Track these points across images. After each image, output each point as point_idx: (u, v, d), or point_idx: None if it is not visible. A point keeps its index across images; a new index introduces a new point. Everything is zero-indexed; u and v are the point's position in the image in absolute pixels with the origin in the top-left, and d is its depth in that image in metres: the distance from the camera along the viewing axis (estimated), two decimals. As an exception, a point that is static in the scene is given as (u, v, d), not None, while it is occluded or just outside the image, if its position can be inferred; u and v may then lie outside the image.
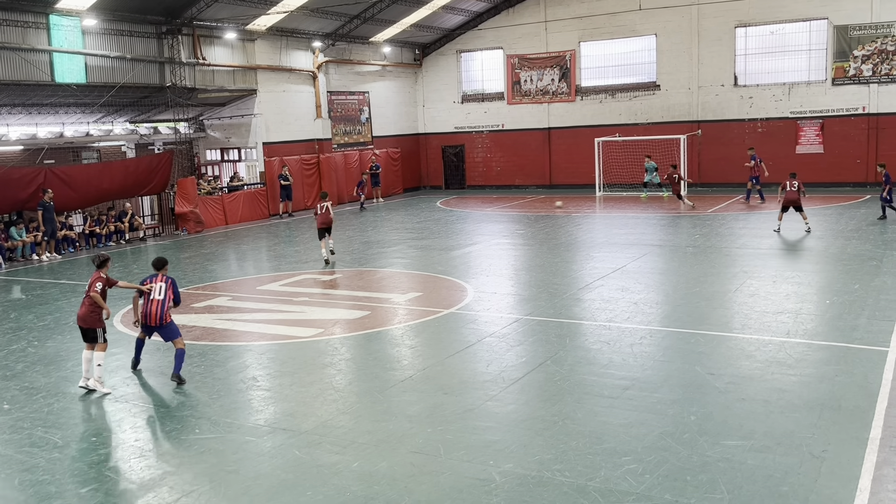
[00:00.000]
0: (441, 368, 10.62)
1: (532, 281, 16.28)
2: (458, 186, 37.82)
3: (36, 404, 9.77)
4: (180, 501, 7.02)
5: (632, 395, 9.15)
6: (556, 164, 35.39)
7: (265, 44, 29.48)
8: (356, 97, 34.73)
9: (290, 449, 8.08)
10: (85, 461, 8.05)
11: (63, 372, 11.11)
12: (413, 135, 38.20)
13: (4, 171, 21.84)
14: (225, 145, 31.20)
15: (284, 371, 10.87)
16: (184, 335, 12.61)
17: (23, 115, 24.10)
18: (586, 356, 10.84)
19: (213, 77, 27.60)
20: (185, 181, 26.37)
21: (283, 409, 9.38)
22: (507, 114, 36.30)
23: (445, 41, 37.07)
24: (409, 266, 18.53)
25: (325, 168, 32.07)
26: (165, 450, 8.26)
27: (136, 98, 26.01)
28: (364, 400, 9.57)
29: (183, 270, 19.21)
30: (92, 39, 23.39)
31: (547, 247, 20.18)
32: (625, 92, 33.67)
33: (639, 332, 11.85)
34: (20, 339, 13.07)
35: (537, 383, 9.81)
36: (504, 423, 8.60)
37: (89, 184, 23.95)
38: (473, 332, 12.36)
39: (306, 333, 12.63)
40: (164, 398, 9.86)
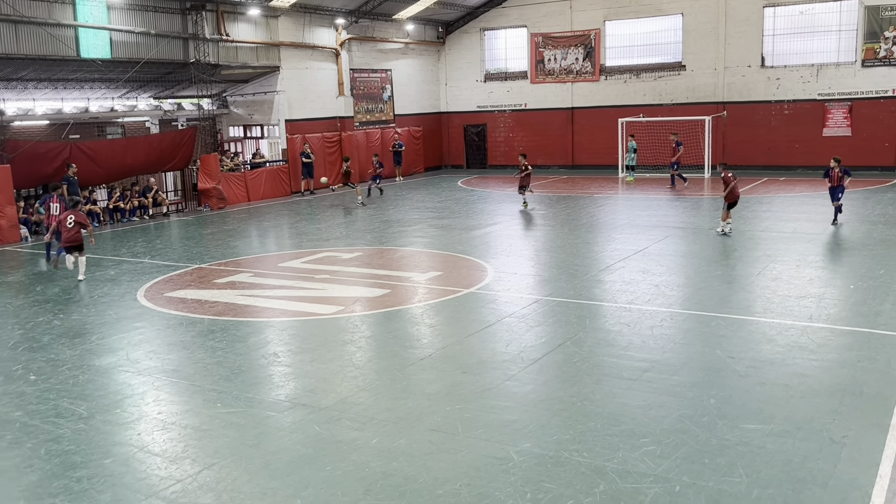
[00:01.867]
0: (460, 348, 10.66)
1: (552, 262, 16.25)
2: (480, 166, 37.71)
3: (62, 376, 9.93)
4: (202, 474, 7.13)
5: (651, 378, 9.14)
6: (578, 144, 35.16)
7: (288, 20, 29.44)
8: (378, 75, 34.64)
9: (310, 424, 8.16)
10: (109, 432, 8.18)
11: (88, 345, 11.27)
12: (435, 113, 38.07)
13: (30, 145, 22.06)
14: (248, 122, 31.29)
15: (305, 347, 10.96)
16: (206, 310, 12.77)
17: (49, 90, 24.28)
18: (606, 338, 10.82)
19: (237, 54, 27.63)
20: (208, 157, 26.50)
21: (303, 385, 9.46)
22: (529, 93, 36.07)
23: (469, 19, 36.81)
24: (430, 245, 18.55)
25: (347, 146, 32.06)
26: (188, 423, 8.38)
27: (160, 74, 26.11)
28: (383, 377, 9.64)
29: (205, 246, 19.37)
30: (117, 15, 23.48)
31: (568, 228, 20.11)
32: (650, 72, 33.32)
33: (659, 314, 11.81)
34: (46, 311, 13.26)
35: (556, 364, 9.82)
36: (522, 402, 8.63)
37: (113, 159, 24.15)
38: (493, 312, 12.37)
39: (327, 310, 12.71)
40: (186, 372, 9.98)
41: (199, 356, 10.59)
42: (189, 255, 18.20)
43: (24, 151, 21.52)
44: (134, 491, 6.87)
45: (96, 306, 13.51)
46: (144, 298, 13.94)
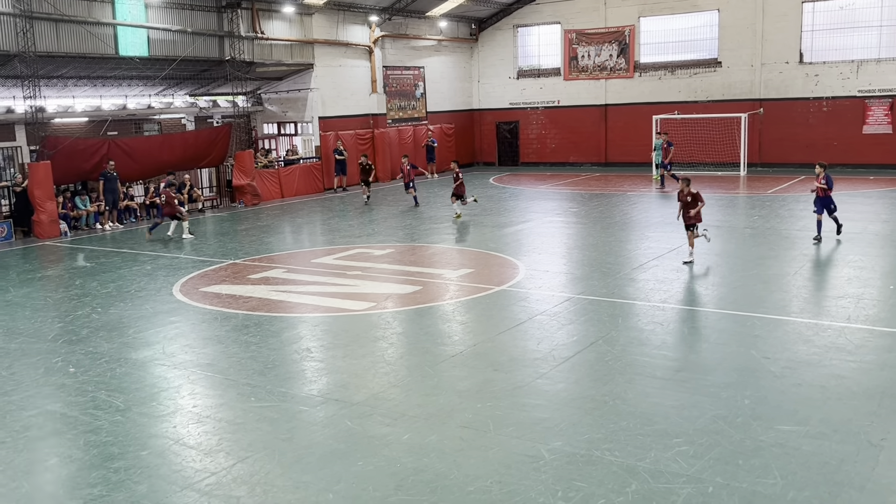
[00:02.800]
0: (491, 345, 10.66)
1: (585, 260, 16.17)
2: (512, 163, 37.61)
3: (100, 368, 10.11)
4: (236, 467, 7.22)
5: (684, 378, 9.06)
6: (612, 141, 34.91)
7: (322, 18, 29.61)
8: (411, 72, 34.70)
9: (342, 419, 8.22)
10: (145, 425, 8.32)
11: (125, 338, 11.46)
12: (467, 110, 38.05)
13: (70, 142, 22.46)
14: (282, 119, 31.54)
15: (337, 343, 11.04)
16: (240, 305, 12.92)
17: (88, 87, 24.69)
18: (639, 337, 10.75)
19: (271, 51, 27.86)
20: (242, 154, 26.77)
21: (335, 381, 9.53)
22: (563, 90, 35.88)
23: (502, 16, 36.72)
24: (461, 242, 18.55)
25: (380, 143, 32.20)
26: (222, 416, 8.48)
27: (196, 71, 26.42)
28: (415, 374, 9.67)
29: (239, 242, 19.58)
30: (154, 13, 23.80)
31: (601, 225, 19.99)
32: (685, 69, 32.96)
33: (693, 313, 11.69)
34: (85, 305, 13.51)
35: (588, 362, 9.78)
36: (554, 401, 8.61)
37: (150, 155, 24.50)
38: (524, 309, 12.35)
39: (359, 307, 12.79)
40: (221, 366, 10.11)
41: (234, 350, 10.72)
42: (224, 250, 18.41)
43: (63, 148, 21.91)
44: (169, 483, 6.98)
45: (133, 300, 13.73)
46: (180, 293, 14.13)
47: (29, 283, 15.79)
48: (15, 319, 12.79)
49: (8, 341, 11.50)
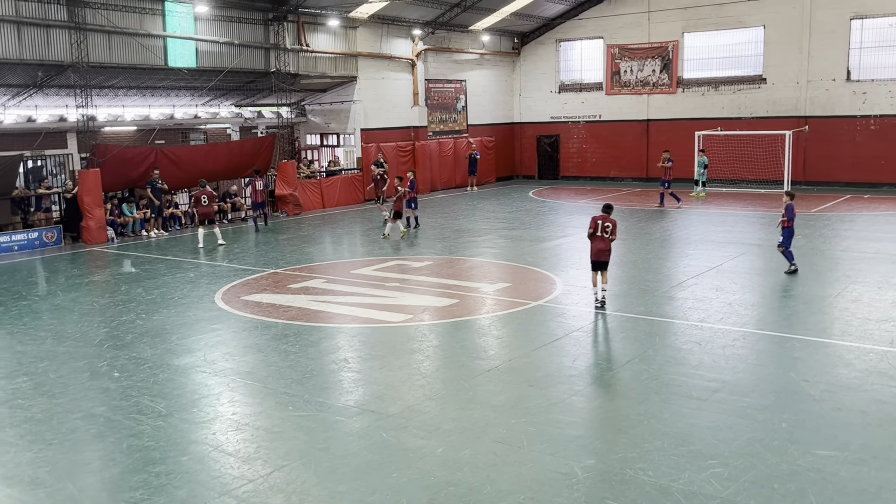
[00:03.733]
0: (527, 360, 10.69)
1: (623, 276, 16.09)
2: (552, 177, 37.56)
3: (143, 374, 10.36)
4: (273, 475, 7.36)
5: (721, 398, 8.99)
6: (653, 156, 34.62)
7: (366, 31, 29.98)
8: (453, 85, 34.92)
9: (377, 431, 8.33)
10: (186, 430, 8.52)
11: (168, 344, 11.73)
12: (508, 124, 38.14)
13: (119, 150, 23.03)
14: (324, 130, 31.94)
15: (374, 354, 11.16)
16: (280, 315, 13.13)
17: (137, 97, 25.32)
18: (676, 356, 10.69)
19: (316, 63, 28.28)
20: (285, 165, 27.17)
21: (371, 392, 9.65)
22: (604, 104, 35.79)
23: (545, 30, 36.79)
24: (499, 256, 18.60)
25: (420, 155, 32.42)
26: (260, 424, 8.65)
27: (241, 83, 26.92)
28: (450, 387, 9.75)
29: (281, 251, 19.87)
30: (203, 25, 24.34)
31: (640, 242, 19.88)
32: (728, 85, 32.67)
33: (732, 333, 11.60)
34: (130, 311, 13.84)
35: (624, 381, 9.76)
36: (588, 418, 8.62)
37: (196, 164, 24.99)
38: (561, 325, 12.36)
39: (396, 318, 12.91)
40: (261, 375, 10.29)
41: (273, 359, 10.91)
42: (265, 259, 18.70)
43: (112, 156, 22.48)
44: (208, 488, 7.14)
45: (176, 307, 14.03)
46: (222, 301, 14.40)
47: (77, 287, 16.23)
48: (63, 323, 13.16)
49: (56, 345, 11.84)
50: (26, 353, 11.39)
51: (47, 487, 7.21)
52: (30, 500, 6.99)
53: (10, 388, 9.89)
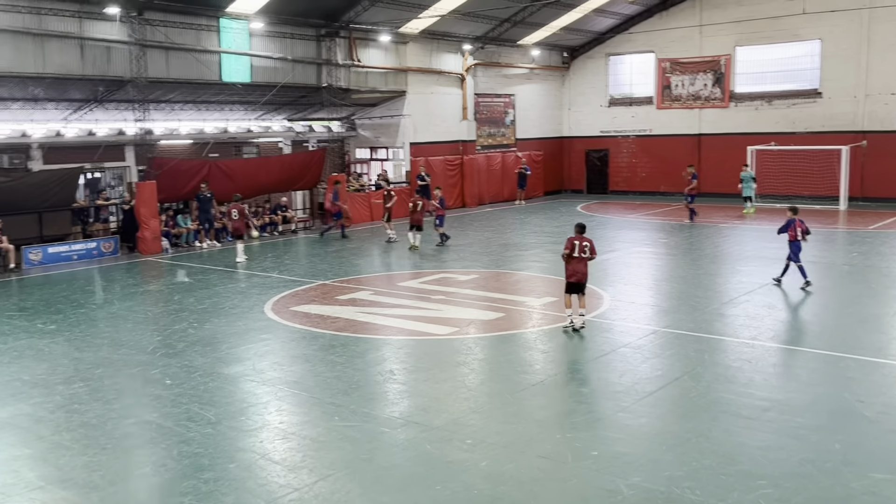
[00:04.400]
0: (573, 375, 10.62)
1: (672, 292, 15.90)
2: (601, 191, 37.32)
3: (193, 382, 10.57)
4: (318, 484, 7.43)
5: (772, 418, 8.81)
6: (705, 171, 34.12)
7: (416, 46, 30.27)
8: (502, 99, 35.00)
9: (421, 443, 8.35)
10: (234, 438, 8.66)
11: (218, 353, 11.94)
12: (557, 138, 38.05)
13: (174, 163, 23.60)
14: (374, 144, 32.27)
15: (420, 366, 11.21)
16: (328, 326, 13.27)
17: (192, 111, 25.94)
18: (725, 373, 10.51)
19: (367, 78, 28.63)
20: (334, 178, 27.48)
21: (416, 404, 9.69)
22: (655, 118, 35.49)
23: (595, 44, 36.69)
24: (546, 270, 18.52)
25: (469, 169, 32.52)
26: (307, 434, 8.75)
27: (294, 97, 27.39)
28: (495, 401, 9.73)
29: (330, 263, 20.10)
30: (257, 41, 24.86)
31: (690, 258, 19.62)
32: (783, 99, 32.11)
33: (784, 352, 11.36)
34: (182, 320, 14.14)
35: (671, 398, 9.63)
36: (635, 435, 8.52)
37: (248, 177, 25.47)
38: (608, 340, 12.25)
39: (442, 331, 12.95)
40: (308, 385, 10.41)
41: (320, 370, 11.03)
42: (314, 271, 18.94)
43: (168, 168, 23.04)
44: (255, 496, 7.24)
45: (227, 317, 14.29)
46: (271, 311, 14.62)
47: (132, 296, 16.64)
48: (118, 331, 13.51)
49: (112, 352, 12.16)
50: (83, 360, 11.71)
51: (101, 491, 7.40)
52: (83, 503, 7.17)
53: (68, 394, 10.17)
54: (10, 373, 11.13)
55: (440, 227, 22.84)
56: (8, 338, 13.08)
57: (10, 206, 19.23)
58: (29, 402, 9.90)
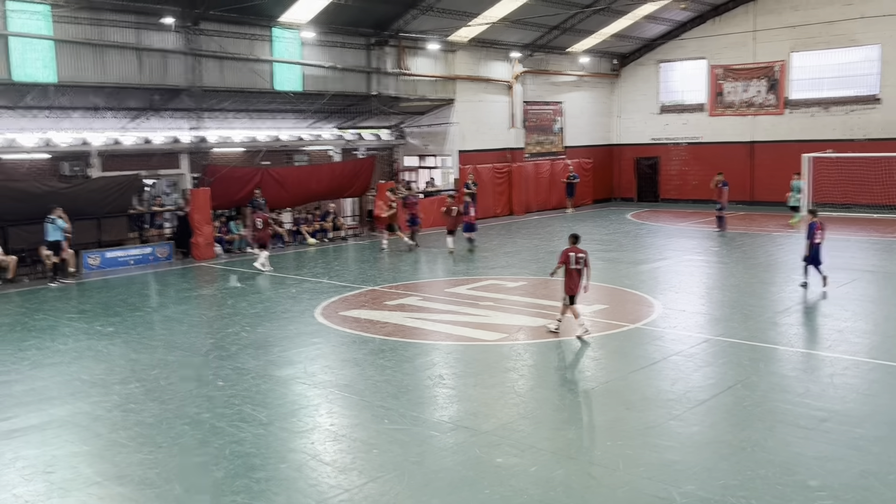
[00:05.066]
0: (623, 383, 10.50)
1: (725, 301, 15.63)
2: (651, 199, 36.89)
3: (246, 384, 10.72)
4: (367, 485, 7.47)
5: (829, 428, 8.59)
6: (758, 179, 33.60)
7: (465, 54, 30.35)
8: (550, 107, 34.88)
9: (470, 447, 8.34)
10: (285, 439, 8.76)
11: (270, 356, 12.10)
12: (606, 145, 37.75)
13: (227, 170, 24.02)
14: (422, 152, 32.41)
15: (468, 372, 11.20)
16: (377, 330, 13.34)
17: (245, 119, 26.39)
18: (781, 383, 10.29)
19: (415, 87, 28.81)
20: (383, 186, 27.67)
21: (465, 409, 9.68)
22: (707, 126, 34.97)
23: (645, 51, 36.36)
24: (596, 278, 18.23)
25: (517, 177, 32.46)
26: (356, 436, 8.80)
27: (343, 106, 27.68)
28: (544, 407, 9.67)
29: (378, 270, 20.23)
30: (308, 50, 25.22)
31: (743, 266, 19.26)
32: (840, 105, 31.38)
33: (842, 361, 11.07)
34: (235, 323, 14.36)
35: (725, 407, 9.45)
36: (687, 443, 8.38)
37: (299, 184, 25.80)
38: (659, 349, 12.09)
39: (491, 337, 12.92)
40: (358, 388, 10.48)
41: (370, 373, 11.10)
42: (363, 277, 19.08)
43: (221, 176, 23.46)
44: (306, 496, 7.31)
45: (279, 321, 14.48)
46: (322, 316, 14.76)
47: (186, 300, 16.97)
48: (173, 334, 13.78)
49: (167, 354, 12.41)
50: (139, 361, 11.98)
51: (156, 488, 7.54)
52: (139, 500, 7.33)
53: (125, 393, 10.41)
54: (71, 373, 11.44)
55: (468, 232, 23.22)
56: (68, 339, 13.45)
57: (71, 212, 19.76)
58: (87, 401, 10.16)
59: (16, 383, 10.97)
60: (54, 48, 19.85)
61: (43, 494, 7.45)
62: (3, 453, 8.47)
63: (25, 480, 7.76)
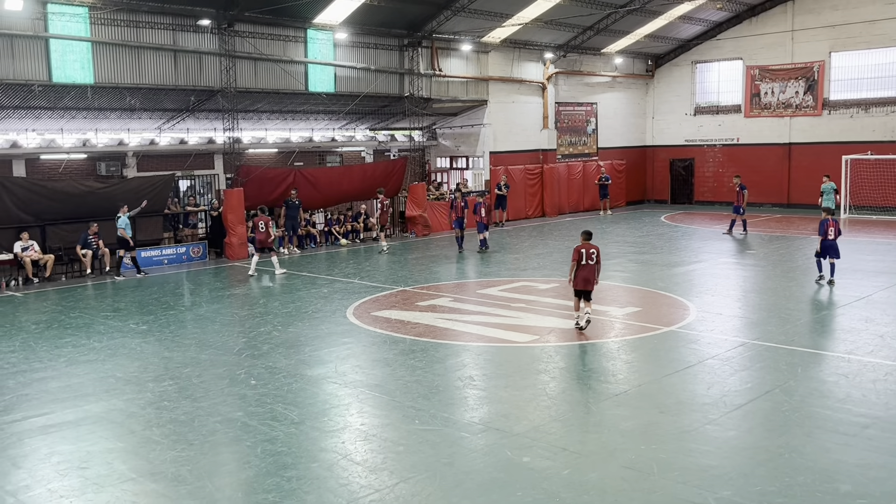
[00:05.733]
0: (658, 386, 10.34)
1: (762, 304, 15.36)
2: (686, 201, 36.47)
3: (277, 383, 10.75)
4: (398, 486, 7.42)
5: (871, 435, 8.37)
6: (795, 181, 33.06)
7: (498, 55, 30.26)
8: (584, 108, 34.65)
9: (501, 449, 8.26)
10: (316, 438, 8.75)
11: (301, 356, 12.12)
12: (640, 147, 37.41)
13: (261, 171, 24.19)
14: (454, 153, 32.38)
15: (499, 373, 11.12)
16: (408, 331, 13.31)
17: (279, 121, 26.57)
18: (820, 388, 10.06)
19: (448, 88, 28.78)
20: (416, 187, 27.71)
21: (496, 410, 9.59)
22: (742, 127, 34.50)
23: (680, 52, 35.97)
24: (629, 280, 18.17)
25: (549, 178, 32.28)
26: (387, 436, 8.76)
27: (376, 107, 27.75)
28: (577, 409, 9.56)
29: (410, 270, 20.22)
30: (342, 52, 25.32)
31: (781, 269, 18.93)
32: (881, 106, 30.75)
33: (884, 367, 10.79)
34: (266, 323, 14.43)
35: (762, 412, 9.26)
36: (723, 448, 8.22)
37: (332, 185, 25.91)
38: (694, 352, 11.90)
39: (522, 339, 12.82)
40: (389, 388, 10.45)
41: (400, 373, 11.06)
42: (395, 277, 19.07)
43: (255, 176, 23.63)
44: (336, 496, 7.29)
45: (310, 321, 14.51)
46: (353, 316, 14.77)
47: (219, 300, 17.10)
48: (206, 333, 13.88)
49: (199, 352, 12.49)
50: (172, 359, 12.07)
51: (188, 485, 7.57)
52: (172, 496, 7.36)
53: (158, 391, 10.49)
54: (105, 370, 11.56)
55: (481, 233, 23.21)
56: (103, 337, 13.60)
57: (107, 212, 20.03)
58: (122, 398, 10.25)
59: (52, 380, 11.11)
60: (91, 50, 20.15)
61: (77, 489, 7.52)
62: (38, 448, 8.57)
63: (60, 475, 7.84)
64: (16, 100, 19.82)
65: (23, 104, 20.15)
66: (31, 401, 10.21)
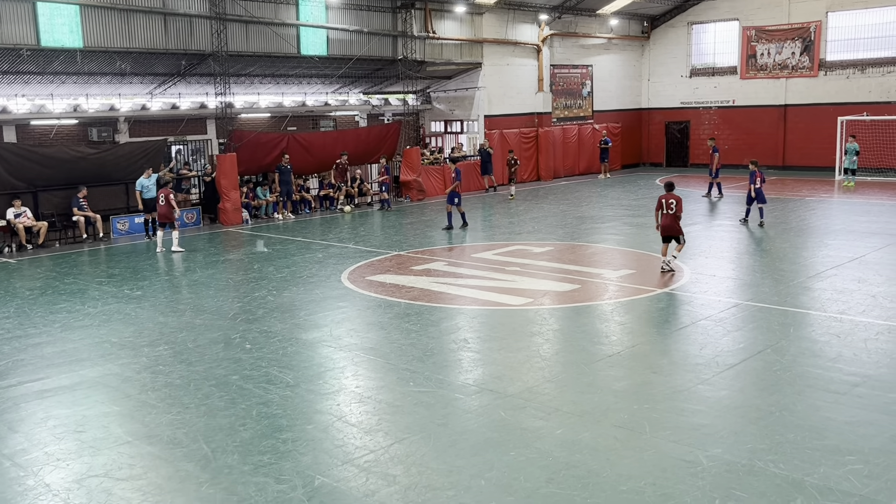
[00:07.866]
0: (650, 347, 10.41)
1: (756, 266, 15.41)
2: (681, 164, 36.40)
3: (272, 346, 10.79)
4: (393, 446, 7.49)
5: (861, 393, 8.45)
6: (791, 143, 32.98)
7: (492, 17, 29.93)
8: (579, 70, 34.38)
9: (495, 410, 8.32)
10: (312, 401, 8.81)
11: (296, 319, 12.16)
12: (635, 110, 37.21)
13: (254, 136, 24.03)
14: (448, 117, 32.17)
15: (494, 336, 11.17)
16: (403, 295, 13.34)
17: (271, 85, 26.32)
18: (811, 348, 10.13)
19: (442, 50, 28.50)
20: (410, 151, 27.57)
21: (490, 372, 9.65)
22: (738, 89, 34.30)
23: (676, 13, 35.62)
24: (623, 243, 18.19)
25: (544, 142, 32.14)
26: (382, 398, 8.82)
27: (370, 70, 27.48)
28: (570, 370, 9.62)
29: (405, 235, 20.20)
30: (334, 14, 25.01)
31: (775, 231, 18.96)
32: (877, 67, 30.56)
33: (875, 326, 10.87)
34: (261, 287, 14.44)
35: (754, 371, 9.33)
36: (715, 407, 8.29)
37: (325, 150, 25.77)
38: (687, 313, 11.96)
39: (516, 302, 12.86)
40: (383, 351, 10.50)
41: (395, 337, 11.11)
42: (389, 242, 19.07)
43: (248, 141, 23.49)
44: (331, 456, 7.35)
45: (305, 285, 14.53)
46: (348, 280, 14.79)
47: (214, 265, 17.09)
48: (201, 298, 13.89)
49: (194, 317, 12.52)
50: (167, 324, 12.10)
51: (184, 447, 7.63)
52: (168, 458, 7.42)
53: (153, 356, 10.52)
54: (100, 335, 11.59)
55: (458, 205, 20.73)
56: (98, 303, 13.61)
57: (99, 178, 19.94)
58: (117, 362, 10.29)
59: (47, 345, 11.14)
60: (80, 13, 19.86)
61: (74, 452, 7.57)
62: (34, 413, 8.61)
63: (57, 439, 7.89)
64: (4, 64, 19.58)
65: (11, 69, 19.91)
66: (26, 366, 10.25)
